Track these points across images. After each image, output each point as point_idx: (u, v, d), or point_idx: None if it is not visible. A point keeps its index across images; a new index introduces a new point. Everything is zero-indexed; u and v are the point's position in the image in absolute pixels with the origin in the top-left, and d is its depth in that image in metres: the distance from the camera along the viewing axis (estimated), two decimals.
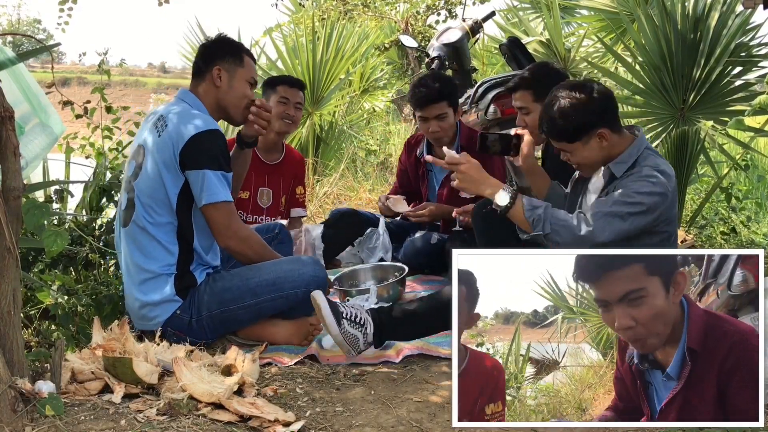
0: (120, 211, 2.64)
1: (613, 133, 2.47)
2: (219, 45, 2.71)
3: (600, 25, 6.70)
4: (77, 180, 3.77)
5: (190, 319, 2.52)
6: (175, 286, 2.51)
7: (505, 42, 4.31)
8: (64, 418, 1.87)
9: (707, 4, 4.91)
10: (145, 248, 2.51)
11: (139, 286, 2.52)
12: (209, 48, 2.71)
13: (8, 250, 1.87)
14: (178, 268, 2.53)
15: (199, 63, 2.69)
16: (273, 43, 7.83)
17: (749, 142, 4.99)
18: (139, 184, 2.52)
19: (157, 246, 2.51)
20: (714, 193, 4.89)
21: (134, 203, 2.53)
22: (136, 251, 2.53)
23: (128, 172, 2.62)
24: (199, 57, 2.70)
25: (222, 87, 2.64)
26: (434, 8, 9.91)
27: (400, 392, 2.21)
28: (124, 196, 2.60)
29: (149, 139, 2.54)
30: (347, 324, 2.39)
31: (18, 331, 1.90)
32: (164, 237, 2.51)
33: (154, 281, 2.51)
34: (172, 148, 2.47)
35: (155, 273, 2.51)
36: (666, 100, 4.92)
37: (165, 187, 2.48)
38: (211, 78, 2.63)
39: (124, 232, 2.57)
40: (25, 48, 13.59)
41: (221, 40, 2.74)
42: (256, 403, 2.01)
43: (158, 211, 2.50)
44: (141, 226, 2.51)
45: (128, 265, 2.57)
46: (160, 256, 2.51)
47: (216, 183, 2.46)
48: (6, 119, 1.88)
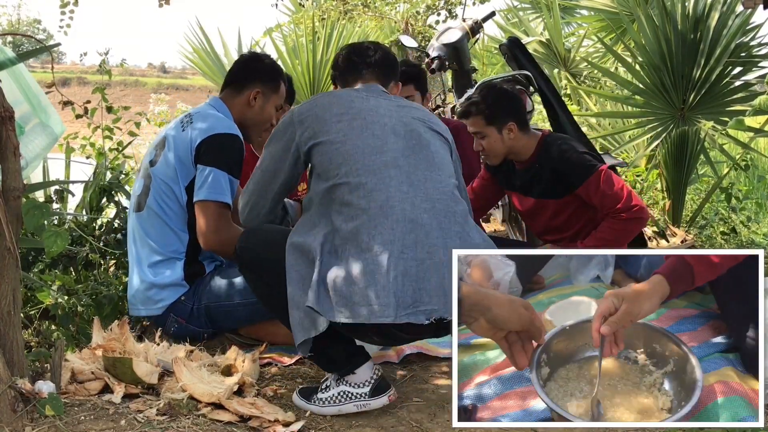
0: (134, 196, 2.69)
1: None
2: (263, 66, 2.73)
3: (600, 25, 6.70)
4: (77, 180, 3.77)
5: (192, 306, 2.55)
6: (184, 271, 2.57)
7: (505, 42, 4.29)
8: (64, 418, 1.87)
9: (707, 4, 4.91)
10: (158, 232, 2.57)
11: (149, 267, 2.57)
12: (253, 65, 2.73)
13: (8, 250, 1.87)
14: (187, 254, 2.59)
15: (239, 77, 2.71)
16: (273, 43, 7.84)
17: (749, 142, 4.99)
18: (156, 172, 2.58)
19: (169, 232, 2.57)
20: (714, 193, 4.89)
21: (149, 189, 2.58)
22: (149, 234, 2.59)
23: (147, 159, 2.68)
24: (241, 71, 2.73)
25: (255, 108, 2.69)
26: (434, 8, 9.89)
27: (400, 392, 2.21)
28: (140, 182, 2.66)
29: (173, 131, 2.61)
30: None
31: (18, 331, 1.90)
32: (176, 225, 2.57)
33: (166, 263, 2.57)
34: (190, 142, 2.52)
35: (166, 256, 2.57)
36: (666, 100, 4.92)
37: (178, 178, 2.54)
38: (248, 97, 2.68)
39: (137, 216, 2.63)
40: (25, 48, 13.60)
41: (266, 61, 2.78)
42: (256, 403, 2.01)
43: (170, 201, 2.56)
44: (155, 211, 2.57)
45: (139, 249, 2.62)
46: (171, 242, 2.57)
47: (220, 183, 2.48)
48: (6, 119, 1.88)
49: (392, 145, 2.11)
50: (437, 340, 2.62)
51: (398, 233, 1.96)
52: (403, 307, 1.90)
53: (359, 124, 2.13)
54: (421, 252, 1.96)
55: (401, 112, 2.22)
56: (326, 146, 2.11)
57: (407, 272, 1.93)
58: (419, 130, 2.19)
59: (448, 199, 2.09)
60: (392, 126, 2.15)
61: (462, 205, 2.15)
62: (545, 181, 2.98)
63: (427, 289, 1.93)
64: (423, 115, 2.26)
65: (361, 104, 2.19)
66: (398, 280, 1.91)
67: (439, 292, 1.93)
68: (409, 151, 2.12)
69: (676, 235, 4.38)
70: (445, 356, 2.50)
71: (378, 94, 2.27)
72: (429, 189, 2.07)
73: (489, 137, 2.97)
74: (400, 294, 1.91)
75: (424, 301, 1.92)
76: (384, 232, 1.96)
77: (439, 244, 1.98)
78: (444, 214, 2.05)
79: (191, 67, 7.82)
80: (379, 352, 2.53)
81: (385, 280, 1.90)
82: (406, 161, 2.10)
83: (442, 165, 2.17)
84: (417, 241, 1.97)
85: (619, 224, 2.84)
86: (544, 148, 2.98)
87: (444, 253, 1.96)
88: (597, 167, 2.88)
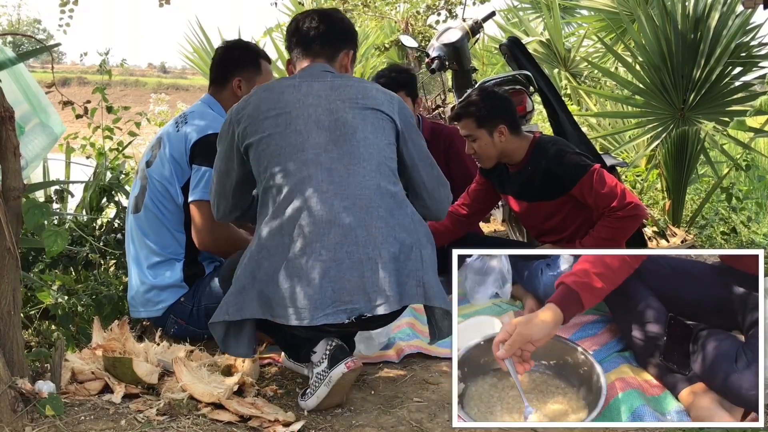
0: (132, 197, 2.70)
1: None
2: (237, 53, 2.73)
3: (600, 25, 6.70)
4: (77, 180, 3.77)
5: (192, 308, 2.54)
6: (183, 272, 2.57)
7: (505, 42, 4.29)
8: (64, 418, 1.87)
9: (707, 4, 4.91)
10: (156, 233, 2.57)
11: (149, 269, 2.57)
12: (227, 57, 2.73)
13: (8, 250, 1.87)
14: (186, 256, 2.58)
15: (218, 72, 2.72)
16: (273, 43, 7.83)
17: (749, 142, 4.99)
18: (152, 172, 2.59)
19: (166, 232, 2.57)
20: (714, 193, 4.89)
21: (146, 190, 2.59)
22: (147, 236, 2.59)
23: (144, 160, 2.68)
24: (218, 65, 2.74)
25: (242, 96, 2.66)
26: (434, 8, 9.88)
27: (400, 392, 2.21)
28: (137, 183, 2.67)
29: (168, 132, 2.62)
30: None
31: (18, 331, 1.90)
32: (173, 225, 2.57)
33: (165, 264, 2.57)
34: (185, 141, 2.53)
35: (165, 257, 2.57)
36: (666, 100, 4.92)
37: (174, 178, 2.54)
38: (232, 88, 2.68)
39: (135, 218, 2.63)
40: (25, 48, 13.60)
41: (238, 47, 2.77)
42: (256, 403, 2.01)
43: (166, 201, 2.56)
44: (152, 212, 2.57)
45: (138, 250, 2.62)
46: (169, 242, 2.57)
47: None
48: (6, 119, 1.88)
49: (314, 140, 2.10)
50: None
51: (316, 236, 1.99)
52: (321, 309, 1.95)
53: (284, 120, 2.12)
54: (339, 253, 1.99)
55: (331, 96, 2.16)
56: (256, 147, 2.14)
57: (326, 274, 1.97)
58: (345, 117, 2.13)
59: (371, 193, 2.06)
60: (317, 118, 2.13)
61: (389, 195, 2.10)
62: (538, 183, 2.98)
63: (347, 288, 1.97)
64: (356, 93, 2.18)
65: (290, 95, 2.17)
66: (315, 283, 1.96)
67: (359, 290, 1.97)
68: (331, 145, 2.10)
69: (676, 235, 4.38)
70: (445, 356, 2.50)
71: (314, 77, 2.21)
72: (350, 186, 2.06)
73: (480, 140, 2.98)
74: (319, 296, 1.95)
75: (345, 300, 1.96)
76: (303, 236, 2.00)
77: (360, 243, 2.00)
78: (366, 210, 2.04)
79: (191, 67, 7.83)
80: (379, 351, 2.53)
81: (304, 283, 1.96)
82: (328, 156, 2.08)
83: (368, 155, 2.11)
84: (336, 242, 1.99)
85: (616, 222, 2.84)
86: (536, 150, 2.98)
87: (365, 252, 1.99)
88: (589, 167, 2.88)
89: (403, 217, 2.09)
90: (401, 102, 2.28)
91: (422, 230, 2.11)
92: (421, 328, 2.80)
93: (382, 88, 2.29)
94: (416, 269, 2.03)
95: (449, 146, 3.71)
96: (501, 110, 3.00)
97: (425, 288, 2.03)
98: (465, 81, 4.52)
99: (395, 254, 2.01)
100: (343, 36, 2.32)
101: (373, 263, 1.98)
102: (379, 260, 1.99)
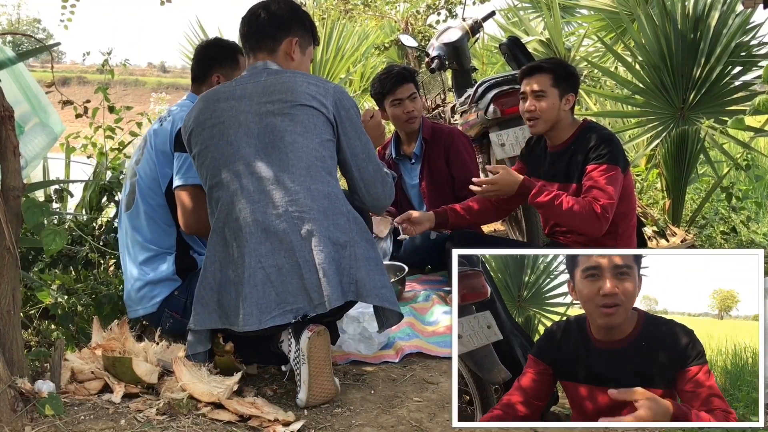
0: (123, 196, 2.72)
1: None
2: (215, 51, 2.79)
3: (600, 24, 6.69)
4: (77, 179, 3.77)
5: (186, 301, 2.54)
6: (176, 265, 2.58)
7: (505, 41, 4.30)
8: (63, 418, 1.87)
9: (707, 4, 4.91)
10: (147, 229, 2.59)
11: (141, 265, 2.58)
12: (206, 54, 2.79)
13: (8, 250, 1.87)
14: (177, 248, 2.60)
15: (199, 69, 2.78)
16: None
17: (749, 141, 4.99)
18: (140, 169, 2.63)
19: (156, 228, 2.59)
20: (714, 192, 4.89)
21: (135, 187, 2.62)
22: (138, 232, 2.61)
23: (132, 159, 2.73)
24: (198, 63, 2.80)
25: None
26: (434, 8, 9.90)
27: (400, 392, 2.21)
28: (128, 181, 2.69)
29: (155, 128, 2.66)
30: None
31: (18, 331, 1.91)
32: (162, 219, 2.59)
33: (157, 259, 2.58)
34: (169, 132, 2.57)
35: (157, 251, 2.58)
36: (666, 99, 4.92)
37: (158, 171, 2.57)
38: (212, 84, 2.70)
39: (127, 216, 2.65)
40: (25, 48, 13.59)
41: (215, 45, 2.82)
42: (255, 402, 2.01)
43: (155, 195, 2.59)
44: (142, 208, 2.59)
45: (130, 247, 2.63)
46: (160, 237, 2.59)
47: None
48: (6, 119, 1.88)
49: (245, 150, 2.16)
50: (437, 340, 2.63)
51: (253, 244, 2.08)
52: (267, 312, 2.05)
53: (218, 131, 2.20)
54: (278, 258, 2.07)
55: (262, 99, 2.19)
56: (197, 159, 2.25)
57: (267, 279, 2.06)
58: (274, 122, 2.15)
59: (302, 198, 2.10)
60: (247, 126, 2.17)
61: (322, 196, 2.12)
62: (576, 162, 2.96)
63: (290, 290, 2.07)
64: (286, 91, 2.17)
65: (225, 103, 2.22)
66: (258, 289, 2.05)
67: (301, 291, 2.06)
68: (261, 153, 2.15)
69: (676, 234, 4.37)
70: (445, 356, 2.50)
71: (251, 78, 2.24)
72: (282, 192, 2.11)
73: (549, 99, 2.96)
74: (263, 302, 2.05)
75: (290, 302, 2.07)
76: (241, 245, 2.08)
77: (296, 247, 2.07)
78: (297, 215, 2.09)
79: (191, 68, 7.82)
80: (379, 351, 2.53)
81: (247, 291, 2.05)
82: (260, 163, 2.14)
83: (296, 160, 2.13)
84: (273, 248, 2.08)
85: (590, 210, 2.78)
86: (584, 132, 2.99)
87: (301, 255, 2.07)
88: (617, 162, 2.87)
89: (337, 216, 2.13)
90: (341, 93, 2.27)
91: (357, 228, 2.16)
92: (421, 328, 2.80)
93: (317, 79, 2.28)
94: (349, 267, 2.11)
95: (449, 146, 3.71)
96: (575, 83, 3.05)
97: (357, 285, 2.11)
98: (465, 80, 4.52)
99: (330, 254, 2.08)
100: (281, 25, 2.30)
101: (311, 265, 2.06)
102: (315, 262, 2.06)
